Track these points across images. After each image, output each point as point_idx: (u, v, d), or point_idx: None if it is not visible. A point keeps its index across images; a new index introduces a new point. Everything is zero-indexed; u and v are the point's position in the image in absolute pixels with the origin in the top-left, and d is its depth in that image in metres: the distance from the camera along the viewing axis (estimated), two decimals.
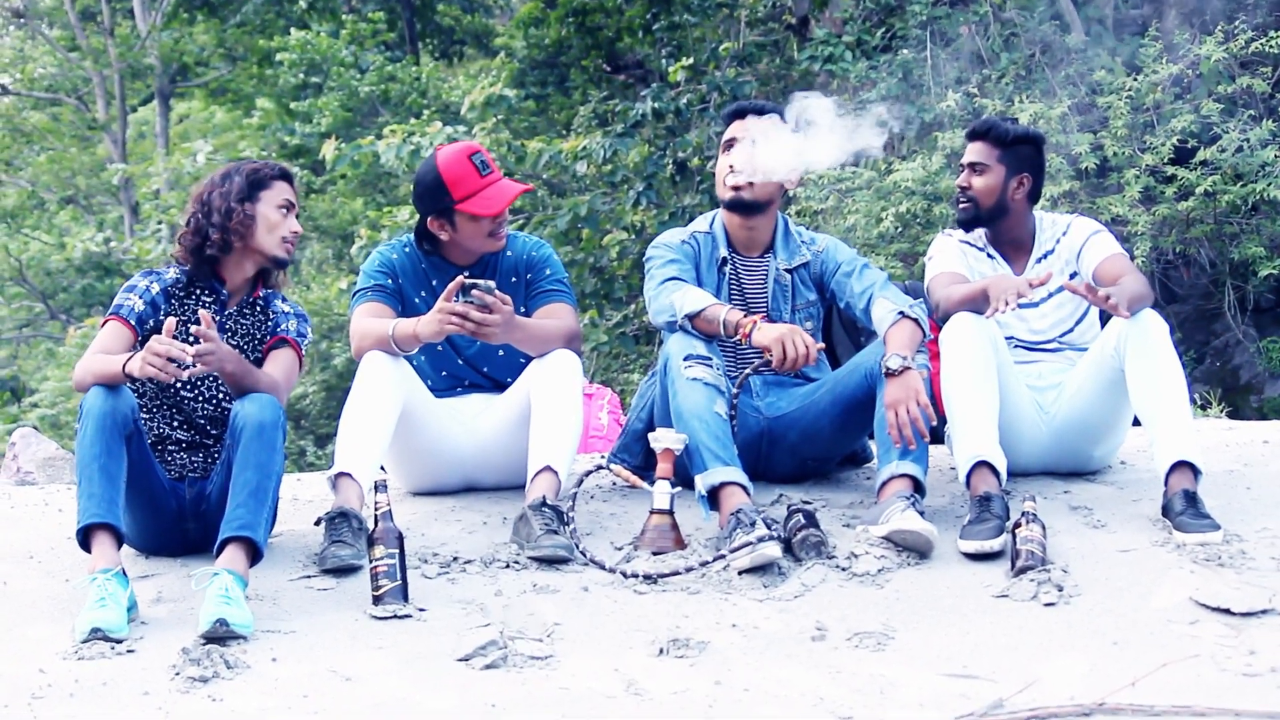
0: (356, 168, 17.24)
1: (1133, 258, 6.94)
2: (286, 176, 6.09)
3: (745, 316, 6.13)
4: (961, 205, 6.69)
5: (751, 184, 6.43)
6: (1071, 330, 6.65)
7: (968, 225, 6.72)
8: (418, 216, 6.53)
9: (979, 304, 6.23)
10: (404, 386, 6.20)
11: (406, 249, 6.58)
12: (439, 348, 6.52)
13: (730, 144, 6.51)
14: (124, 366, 5.45)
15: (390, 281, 6.49)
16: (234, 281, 6.02)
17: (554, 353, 6.30)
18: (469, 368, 6.62)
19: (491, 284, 6.02)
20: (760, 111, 6.51)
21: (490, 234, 6.44)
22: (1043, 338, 6.63)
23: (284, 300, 6.17)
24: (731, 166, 6.46)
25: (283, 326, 6.07)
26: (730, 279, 6.57)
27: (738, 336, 6.11)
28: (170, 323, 5.40)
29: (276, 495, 5.56)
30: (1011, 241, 6.72)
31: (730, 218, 6.59)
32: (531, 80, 21.42)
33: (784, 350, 5.97)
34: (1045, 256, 6.69)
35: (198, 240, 5.94)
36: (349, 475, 5.92)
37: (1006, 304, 6.00)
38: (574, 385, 6.24)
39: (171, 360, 5.32)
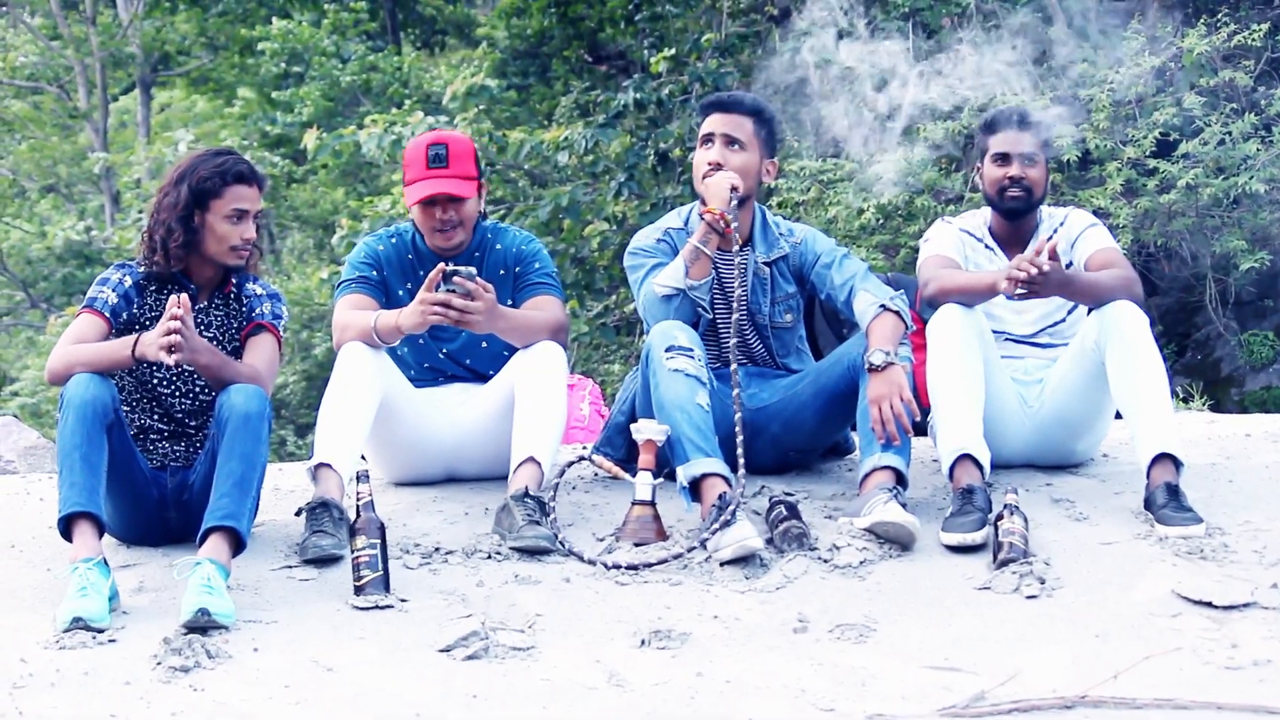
0: (338, 157, 17.24)
1: None
2: (244, 179, 5.86)
3: (701, 221, 6.26)
4: (1013, 195, 6.57)
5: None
6: (1062, 322, 6.62)
7: (1016, 215, 6.65)
8: None
9: (977, 296, 6.23)
10: (382, 377, 6.17)
11: (393, 239, 6.54)
12: (421, 340, 6.49)
13: (708, 139, 6.48)
14: (134, 349, 5.49)
15: (375, 273, 6.45)
16: (201, 277, 5.97)
17: (539, 344, 6.26)
18: (450, 360, 6.59)
19: (472, 270, 5.96)
20: (731, 106, 6.47)
21: (435, 229, 6.42)
22: (1031, 330, 6.61)
23: (256, 282, 6.08)
24: (710, 164, 6.41)
25: (257, 311, 6.00)
26: None
27: (720, 222, 6.18)
28: (184, 299, 5.44)
29: (260, 486, 5.55)
30: (1021, 234, 6.68)
31: None
32: (513, 70, 21.40)
33: None
34: None
35: (150, 250, 5.91)
36: (329, 466, 5.92)
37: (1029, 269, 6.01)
38: (558, 376, 6.21)
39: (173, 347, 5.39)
